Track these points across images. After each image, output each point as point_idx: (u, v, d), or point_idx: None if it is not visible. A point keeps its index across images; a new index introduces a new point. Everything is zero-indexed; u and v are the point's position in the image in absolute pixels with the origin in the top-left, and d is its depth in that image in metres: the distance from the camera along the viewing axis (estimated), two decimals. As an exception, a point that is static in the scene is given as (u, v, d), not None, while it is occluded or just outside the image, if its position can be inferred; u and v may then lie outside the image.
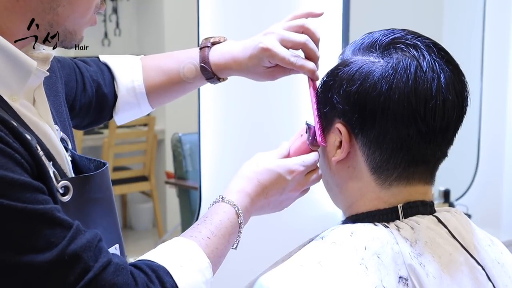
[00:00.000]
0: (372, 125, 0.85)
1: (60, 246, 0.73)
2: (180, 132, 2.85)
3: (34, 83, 0.86)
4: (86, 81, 1.16)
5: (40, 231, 0.72)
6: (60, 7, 0.82)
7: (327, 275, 0.81)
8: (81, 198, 0.87)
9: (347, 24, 2.19)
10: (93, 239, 0.77)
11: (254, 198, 0.96)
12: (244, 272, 1.15)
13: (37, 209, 0.73)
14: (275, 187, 0.97)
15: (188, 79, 1.17)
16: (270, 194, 0.97)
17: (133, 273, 0.78)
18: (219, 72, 1.15)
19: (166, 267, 0.82)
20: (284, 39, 1.04)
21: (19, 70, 0.81)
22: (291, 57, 1.03)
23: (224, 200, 0.94)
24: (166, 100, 1.25)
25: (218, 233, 0.90)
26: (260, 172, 0.97)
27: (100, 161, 0.96)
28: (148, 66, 1.21)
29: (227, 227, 0.91)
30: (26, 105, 0.84)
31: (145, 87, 1.20)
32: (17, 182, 0.72)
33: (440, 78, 0.84)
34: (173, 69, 1.18)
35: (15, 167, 0.73)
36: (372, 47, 0.88)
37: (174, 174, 2.91)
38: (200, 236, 0.88)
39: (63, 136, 0.95)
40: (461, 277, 0.86)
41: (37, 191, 0.74)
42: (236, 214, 0.93)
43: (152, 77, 1.20)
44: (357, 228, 0.87)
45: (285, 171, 0.97)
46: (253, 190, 0.96)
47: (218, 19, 1.92)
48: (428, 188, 0.90)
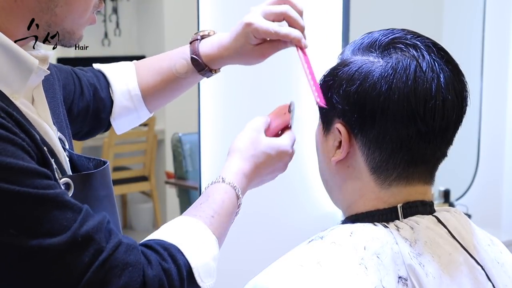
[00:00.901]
0: (371, 125, 0.85)
1: (73, 228, 0.74)
2: (180, 132, 2.85)
3: (34, 82, 0.87)
4: (83, 84, 1.16)
5: (52, 215, 0.74)
6: (57, 8, 0.82)
7: (326, 275, 0.81)
8: (82, 196, 0.88)
9: (347, 24, 2.19)
10: (103, 221, 0.79)
11: (250, 178, 1.01)
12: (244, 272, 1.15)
13: (48, 194, 0.74)
14: (268, 166, 1.03)
15: (181, 74, 1.18)
16: (263, 173, 1.04)
17: (144, 252, 0.80)
18: (210, 63, 1.15)
19: (177, 245, 0.84)
20: (265, 12, 1.07)
21: (20, 69, 0.81)
22: (275, 27, 1.05)
23: (224, 181, 0.98)
24: (163, 101, 1.25)
25: (221, 212, 0.94)
26: (257, 155, 1.02)
27: (100, 160, 0.97)
28: (141, 69, 1.22)
29: (229, 206, 0.96)
30: (26, 104, 0.85)
31: (140, 90, 1.20)
32: (27, 169, 0.73)
33: (440, 78, 0.84)
34: (166, 67, 1.19)
35: (24, 155, 0.74)
36: (371, 47, 0.88)
37: (174, 174, 2.91)
38: (205, 215, 0.92)
39: (61, 136, 0.96)
40: (461, 277, 0.86)
41: (46, 177, 0.76)
42: (236, 195, 0.97)
43: (146, 78, 1.20)
44: (357, 228, 0.87)
45: (277, 153, 1.03)
46: (250, 171, 1.01)
47: (218, 19, 1.92)
48: (427, 188, 0.90)
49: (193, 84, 1.23)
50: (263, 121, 1.07)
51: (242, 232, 1.06)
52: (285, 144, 1.04)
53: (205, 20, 1.90)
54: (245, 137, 1.04)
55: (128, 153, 3.62)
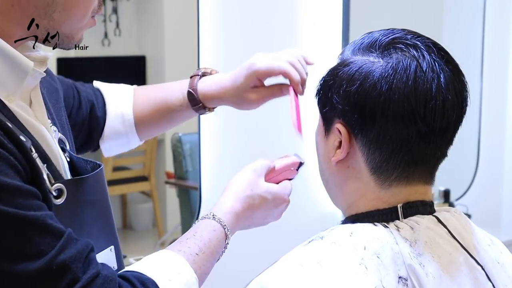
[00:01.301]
0: (372, 125, 0.85)
1: (50, 255, 0.72)
2: (180, 132, 2.85)
3: (31, 84, 0.86)
4: (82, 100, 1.16)
5: (30, 238, 0.71)
6: (55, 13, 0.81)
7: (326, 275, 0.81)
8: (75, 200, 0.86)
9: (347, 24, 2.19)
10: (84, 250, 0.76)
11: (240, 219, 1.00)
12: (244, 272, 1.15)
13: (28, 216, 0.72)
14: (262, 211, 1.03)
15: (175, 106, 1.17)
16: (256, 217, 1.03)
17: (121, 285, 0.78)
18: (205, 101, 1.16)
19: (155, 280, 0.82)
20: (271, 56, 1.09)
21: (15, 71, 0.81)
22: (280, 64, 1.07)
23: (215, 219, 0.96)
24: (154, 131, 1.25)
25: (206, 251, 0.92)
26: (252, 196, 1.01)
27: (96, 163, 0.96)
28: (139, 95, 1.21)
29: (215, 245, 0.94)
30: (22, 106, 0.84)
31: (134, 116, 1.19)
32: (9, 186, 0.71)
33: (440, 78, 0.84)
34: (162, 97, 1.19)
35: (9, 170, 0.72)
36: (372, 47, 0.88)
37: (174, 174, 2.91)
38: (189, 252, 0.90)
39: (61, 137, 0.95)
40: (461, 277, 0.86)
41: (30, 196, 0.74)
42: (225, 234, 0.96)
43: (141, 105, 1.20)
44: (357, 228, 0.87)
45: (275, 199, 1.03)
46: (243, 212, 1.00)
47: (218, 19, 1.92)
48: (427, 188, 0.90)
49: (186, 119, 1.22)
50: (265, 165, 1.06)
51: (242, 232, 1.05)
52: (283, 192, 1.04)
53: (205, 20, 1.90)
54: (243, 178, 1.02)
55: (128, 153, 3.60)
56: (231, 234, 0.97)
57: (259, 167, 1.04)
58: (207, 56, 1.86)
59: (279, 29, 2.01)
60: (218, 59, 1.87)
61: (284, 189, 1.05)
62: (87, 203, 0.90)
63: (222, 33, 1.89)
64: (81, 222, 0.88)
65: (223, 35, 1.89)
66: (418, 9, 2.78)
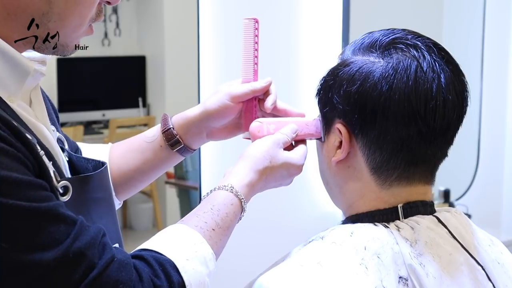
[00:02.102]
0: (372, 126, 0.85)
1: (65, 243, 0.73)
2: (180, 132, 2.85)
3: (31, 84, 0.86)
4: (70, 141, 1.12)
5: (45, 229, 0.73)
6: (50, 22, 0.81)
7: (327, 275, 0.81)
8: (80, 198, 0.87)
9: (347, 24, 2.19)
10: (97, 235, 0.78)
11: (256, 190, 0.98)
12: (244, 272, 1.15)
13: (41, 207, 0.73)
14: (276, 180, 1.00)
15: (148, 138, 1.12)
16: (269, 185, 1.00)
17: (137, 268, 0.79)
18: (178, 129, 1.11)
19: (173, 260, 0.82)
20: None
21: (16, 71, 0.81)
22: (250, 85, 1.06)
23: (233, 191, 0.93)
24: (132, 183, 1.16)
25: (223, 226, 0.91)
26: (270, 170, 0.97)
27: (99, 161, 0.96)
28: (114, 149, 1.16)
29: (232, 220, 0.92)
30: (23, 106, 0.84)
31: (110, 170, 1.11)
32: (21, 181, 0.72)
33: (440, 78, 0.84)
34: (136, 140, 1.15)
35: (19, 166, 0.73)
36: (372, 47, 0.88)
37: (174, 174, 2.91)
38: (206, 227, 0.89)
39: (60, 137, 0.95)
40: (461, 277, 0.86)
41: (40, 189, 0.75)
42: (241, 208, 0.94)
43: (116, 157, 1.14)
44: (357, 228, 0.87)
45: (288, 170, 0.99)
46: (259, 185, 0.97)
47: (218, 19, 1.92)
48: (428, 188, 0.90)
49: (164, 164, 1.15)
50: (286, 140, 1.01)
51: (242, 231, 1.05)
52: (297, 159, 1.00)
53: (205, 20, 1.90)
54: (262, 147, 0.98)
55: (128, 153, 3.62)
56: (246, 205, 0.95)
57: (281, 140, 1.00)
58: (207, 56, 1.86)
59: (279, 29, 2.00)
60: (218, 59, 1.87)
61: (301, 159, 1.01)
62: (92, 201, 0.91)
63: (222, 33, 1.89)
64: (87, 219, 0.88)
65: (223, 35, 1.89)
66: (418, 9, 2.78)
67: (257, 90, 1.07)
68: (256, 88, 1.07)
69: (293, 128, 1.01)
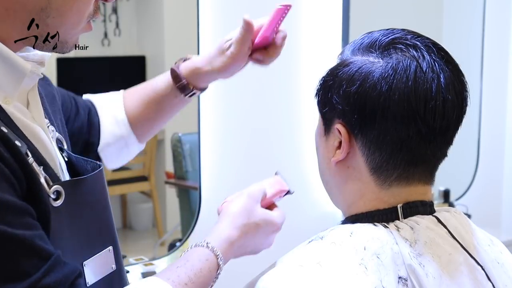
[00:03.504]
0: (372, 126, 0.85)
1: (34, 277, 0.71)
2: (180, 132, 2.85)
3: (28, 85, 0.86)
4: (79, 105, 1.16)
5: (15, 258, 0.70)
6: (49, 18, 0.81)
7: (326, 275, 0.81)
8: (74, 202, 0.86)
9: (347, 24, 2.19)
10: (70, 275, 0.75)
11: (235, 247, 0.97)
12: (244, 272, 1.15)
13: (16, 234, 0.71)
14: (255, 239, 1.00)
15: (161, 89, 1.19)
16: (248, 245, 1.00)
17: None
18: (190, 77, 1.17)
19: None
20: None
21: (13, 73, 0.80)
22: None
23: (209, 247, 0.93)
24: (150, 127, 1.25)
25: (196, 281, 0.90)
26: (249, 225, 0.99)
27: (96, 163, 0.95)
28: (128, 96, 1.23)
29: (206, 276, 0.91)
30: (20, 108, 0.84)
31: (127, 115, 1.20)
32: (0, 201, 0.70)
33: (440, 78, 0.84)
34: (149, 88, 1.21)
35: (2, 183, 0.71)
36: (371, 47, 0.88)
37: (174, 174, 2.91)
38: (178, 281, 0.88)
39: (59, 137, 0.94)
40: (461, 277, 0.86)
41: (22, 213, 0.72)
42: (217, 265, 0.93)
43: (131, 103, 1.21)
44: (357, 228, 0.87)
45: (269, 227, 1.01)
46: (238, 241, 0.97)
47: (218, 19, 1.92)
48: (427, 188, 0.90)
49: (176, 106, 1.23)
50: (262, 189, 1.04)
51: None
52: (278, 221, 1.03)
53: (205, 20, 1.90)
54: (240, 204, 1.00)
55: (128, 153, 3.62)
56: (223, 263, 0.95)
57: (256, 193, 1.02)
58: (207, 56, 1.86)
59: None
60: (218, 59, 1.87)
61: (279, 218, 1.03)
62: (86, 204, 0.90)
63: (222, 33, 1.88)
64: (80, 223, 0.88)
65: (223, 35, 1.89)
66: (418, 9, 2.78)
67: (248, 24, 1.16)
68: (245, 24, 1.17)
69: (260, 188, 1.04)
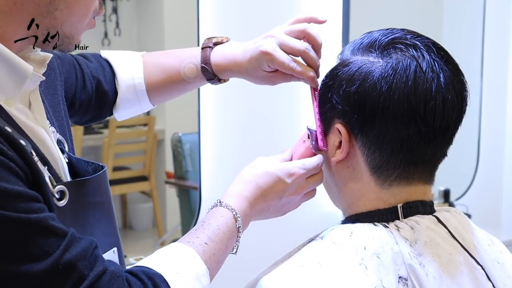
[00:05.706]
0: (372, 126, 0.85)
1: (55, 255, 0.72)
2: (180, 132, 2.85)
3: (30, 87, 0.86)
4: (86, 78, 1.15)
5: (34, 241, 0.72)
6: (57, 11, 0.81)
7: (326, 275, 0.81)
8: (77, 202, 0.86)
9: (347, 24, 2.19)
10: (88, 247, 0.76)
11: (252, 202, 0.93)
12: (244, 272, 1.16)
13: (31, 218, 0.72)
14: (274, 190, 0.94)
15: (189, 78, 1.17)
16: (269, 198, 0.95)
17: (129, 281, 0.78)
18: (220, 73, 1.14)
19: (163, 275, 0.81)
20: (284, 44, 1.02)
21: (15, 75, 0.80)
22: (291, 63, 1.01)
23: (221, 204, 0.92)
24: (167, 98, 1.25)
25: (215, 239, 0.88)
26: (258, 175, 0.94)
27: (98, 164, 0.95)
28: (149, 63, 1.20)
29: (225, 232, 0.89)
30: (22, 109, 0.84)
31: (146, 85, 1.19)
32: (11, 192, 0.71)
33: (440, 78, 0.84)
34: (174, 67, 1.18)
35: (10, 175, 0.72)
36: (371, 47, 0.88)
37: (174, 174, 2.91)
38: (198, 242, 0.87)
39: (60, 138, 0.94)
40: (461, 277, 0.86)
41: (31, 200, 0.74)
42: (233, 218, 0.90)
43: (153, 74, 1.19)
44: (357, 228, 0.87)
45: (284, 174, 0.94)
46: (251, 193, 0.93)
47: (218, 19, 1.92)
48: (427, 188, 0.90)
49: (198, 86, 1.23)
50: (276, 155, 0.99)
51: (242, 232, 1.05)
52: (292, 165, 0.95)
53: (205, 20, 1.90)
54: (253, 164, 0.97)
55: (128, 153, 3.62)
56: (242, 217, 0.91)
57: (273, 157, 0.98)
58: (207, 56, 1.86)
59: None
60: (218, 59, 1.87)
61: (296, 162, 0.95)
62: (89, 205, 0.90)
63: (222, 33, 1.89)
64: (84, 223, 0.88)
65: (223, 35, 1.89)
66: (418, 9, 2.78)
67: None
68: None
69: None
